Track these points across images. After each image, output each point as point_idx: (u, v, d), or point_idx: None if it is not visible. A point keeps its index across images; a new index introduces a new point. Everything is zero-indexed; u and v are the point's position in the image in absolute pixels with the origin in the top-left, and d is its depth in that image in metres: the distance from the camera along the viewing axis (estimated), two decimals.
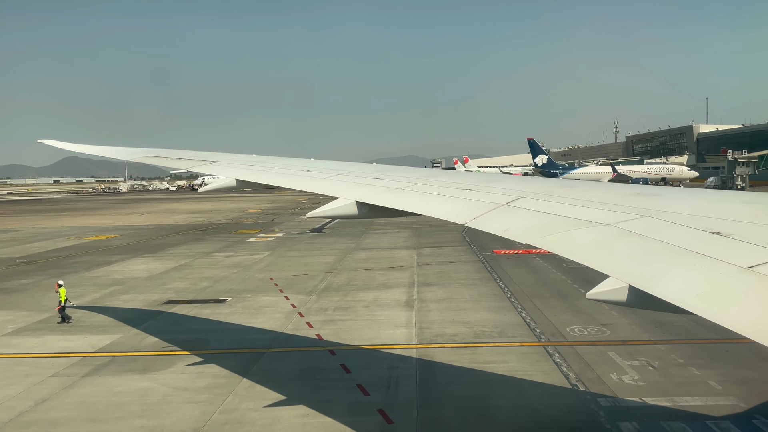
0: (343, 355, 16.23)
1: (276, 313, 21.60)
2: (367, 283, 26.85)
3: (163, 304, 23.60)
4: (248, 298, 24.49)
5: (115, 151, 15.15)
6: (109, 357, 16.87)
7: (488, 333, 18.08)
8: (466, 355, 16.10)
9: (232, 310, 22.44)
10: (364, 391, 13.51)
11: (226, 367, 15.74)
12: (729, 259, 3.96)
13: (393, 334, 18.38)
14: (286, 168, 11.48)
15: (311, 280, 28.05)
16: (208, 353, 17.06)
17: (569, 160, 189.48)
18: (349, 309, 21.95)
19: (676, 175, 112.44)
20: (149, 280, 29.22)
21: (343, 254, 36.84)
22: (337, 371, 15.08)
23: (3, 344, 18.48)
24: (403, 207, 7.55)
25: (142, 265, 34.29)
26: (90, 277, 30.58)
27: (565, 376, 14.17)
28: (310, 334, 18.70)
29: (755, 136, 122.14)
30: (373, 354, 16.43)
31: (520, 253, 33.29)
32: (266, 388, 14.06)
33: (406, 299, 23.31)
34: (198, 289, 26.75)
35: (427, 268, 30.59)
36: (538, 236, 5.38)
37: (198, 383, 14.54)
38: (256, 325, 20.03)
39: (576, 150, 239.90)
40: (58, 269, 33.21)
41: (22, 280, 29.78)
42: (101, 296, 25.55)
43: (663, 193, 6.67)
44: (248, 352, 16.95)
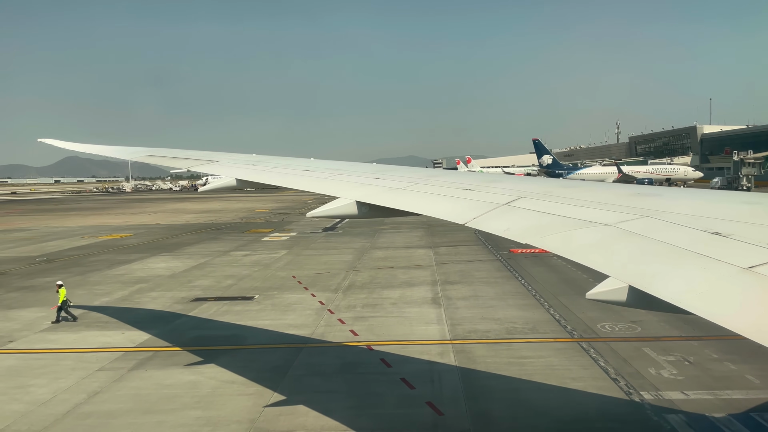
0: (381, 351, 16.54)
1: (306, 310, 21.93)
2: (390, 281, 27.18)
3: (191, 301, 23.93)
4: (275, 295, 24.82)
5: (115, 150, 15.11)
6: (151, 352, 17.21)
7: (520, 329, 18.41)
8: (502, 350, 16.43)
9: (261, 307, 22.77)
10: (409, 385, 13.84)
11: (268, 361, 16.08)
12: (729, 259, 3.96)
13: (426, 331, 18.71)
14: (287, 168, 11.51)
15: (334, 278, 28.39)
16: (248, 348, 17.42)
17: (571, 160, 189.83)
18: (377, 306, 22.29)
19: (680, 176, 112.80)
20: (173, 278, 29.55)
21: (360, 253, 37.17)
22: (378, 365, 15.41)
23: (42, 340, 18.83)
24: (403, 207, 7.56)
25: (162, 263, 34.61)
26: (113, 275, 30.90)
27: (603, 370, 14.50)
28: (343, 330, 19.02)
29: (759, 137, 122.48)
30: (410, 349, 16.74)
31: (537, 252, 33.58)
32: (313, 381, 14.39)
33: (432, 297, 23.65)
34: (223, 287, 27.08)
35: (447, 266, 30.90)
36: (538, 236, 5.39)
37: (245, 376, 14.86)
38: (289, 321, 20.36)
39: (578, 150, 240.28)
40: (79, 267, 33.56)
41: (47, 278, 30.08)
42: (129, 293, 25.88)
43: (663, 193, 6.68)
44: (287, 347, 17.28)
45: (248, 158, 12.83)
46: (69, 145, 15.49)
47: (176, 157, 13.19)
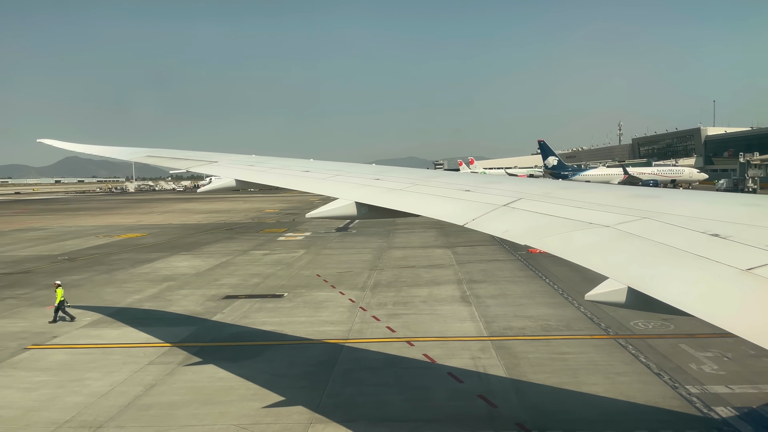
0: (422, 346, 16.91)
1: (338, 307, 22.30)
2: (415, 280, 27.54)
3: (223, 299, 24.30)
4: (304, 293, 25.18)
5: (114, 151, 15.05)
6: (197, 346, 17.58)
7: (555, 326, 18.77)
8: (541, 346, 16.80)
9: (293, 304, 23.13)
10: (457, 379, 14.21)
11: (313, 356, 16.46)
12: (728, 261, 3.96)
13: (462, 327, 19.07)
14: (286, 168, 11.50)
15: (358, 277, 28.75)
16: (289, 344, 17.78)
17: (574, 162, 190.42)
18: (408, 304, 22.65)
19: (685, 177, 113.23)
20: (198, 277, 29.91)
21: (378, 252, 37.54)
22: (421, 361, 15.76)
23: (86, 335, 19.18)
24: (402, 208, 7.53)
25: (184, 262, 34.97)
26: (138, 273, 31.25)
27: (646, 366, 14.86)
28: (380, 326, 19.38)
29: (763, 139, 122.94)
30: (451, 345, 17.10)
31: None
32: (362, 375, 14.77)
33: (460, 295, 24.01)
34: (250, 285, 27.44)
35: (468, 266, 31.25)
36: (538, 237, 5.39)
37: (293, 370, 15.25)
38: (324, 318, 20.73)
39: (581, 152, 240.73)
40: (103, 266, 33.91)
41: (73, 276, 30.46)
42: (159, 291, 26.24)
43: (662, 195, 6.69)
44: (329, 343, 17.64)
45: (247, 159, 12.84)
46: (68, 146, 15.46)
47: (175, 157, 13.22)
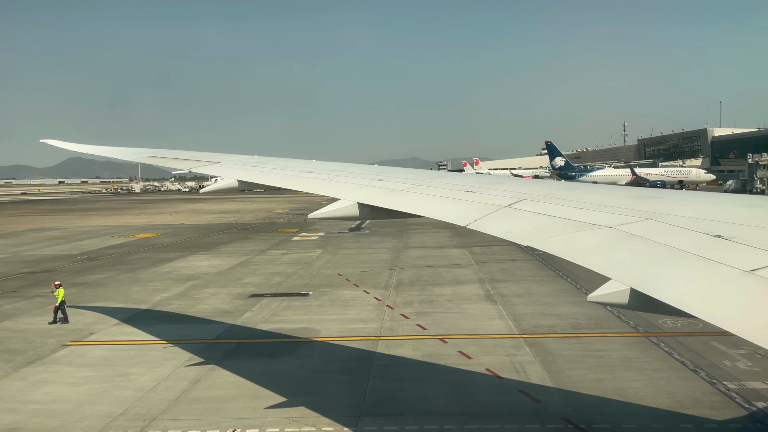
0: (455, 344, 17.16)
1: (366, 306, 22.57)
2: (437, 279, 27.80)
3: (249, 297, 24.59)
4: (328, 292, 25.45)
5: (117, 151, 15.04)
6: (233, 343, 17.89)
7: (584, 325, 19.01)
8: (573, 344, 17.04)
9: (320, 302, 23.40)
10: (496, 375, 14.47)
11: (349, 352, 16.74)
12: (731, 262, 3.95)
13: (492, 325, 19.33)
14: (288, 169, 11.48)
15: (379, 276, 29.02)
16: (323, 341, 18.04)
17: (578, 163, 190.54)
18: (434, 302, 22.90)
19: (693, 178, 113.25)
20: (221, 276, 30.22)
21: (395, 252, 37.80)
22: (457, 357, 16.02)
23: (121, 332, 19.50)
24: (404, 208, 7.51)
25: (204, 261, 35.29)
26: (161, 272, 31.59)
27: (680, 362, 15.10)
28: (410, 324, 19.65)
29: None
30: (484, 342, 17.35)
31: None
32: (401, 371, 15.05)
33: (484, 294, 24.25)
34: (274, 283, 27.73)
35: (488, 265, 31.49)
36: (540, 238, 5.38)
37: (332, 366, 15.55)
38: (353, 316, 21.00)
39: (585, 153, 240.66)
40: (125, 265, 34.26)
41: (97, 275, 30.81)
42: (185, 290, 26.55)
43: (665, 195, 6.64)
44: (362, 340, 17.90)
45: (250, 159, 12.84)
46: (71, 146, 15.45)
47: (178, 158, 13.23)
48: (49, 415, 12.60)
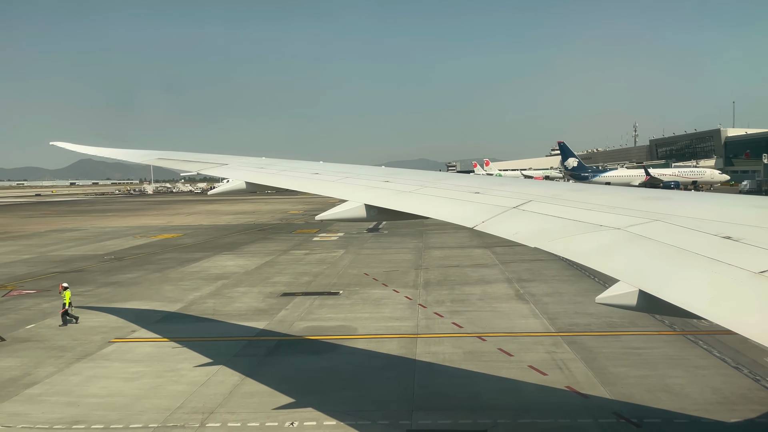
0: (494, 341, 17.40)
1: (398, 305, 22.86)
2: (464, 279, 28.03)
3: (281, 296, 24.95)
4: (358, 291, 25.76)
5: (126, 153, 15.14)
6: (274, 340, 18.25)
7: (619, 323, 19.18)
8: (612, 341, 17.23)
9: (352, 301, 23.72)
10: (540, 372, 14.69)
11: (390, 349, 17.00)
12: (740, 263, 3.92)
13: (527, 323, 19.55)
14: (295, 171, 11.54)
15: (406, 276, 29.30)
16: (363, 338, 18.32)
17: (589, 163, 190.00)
18: (465, 302, 23.15)
19: (707, 179, 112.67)
20: (249, 275, 30.62)
21: (418, 252, 38.07)
22: (498, 354, 16.26)
23: (162, 329, 19.90)
24: (411, 210, 7.51)
25: (230, 261, 35.73)
26: (189, 272, 32.05)
27: (722, 360, 15.26)
28: (446, 322, 19.91)
29: None
30: (522, 340, 17.58)
31: None
32: (446, 366, 15.31)
33: (514, 293, 24.47)
34: (302, 283, 28.09)
35: (512, 265, 31.66)
36: (548, 240, 5.37)
37: (376, 363, 15.85)
38: (387, 314, 21.29)
39: (596, 153, 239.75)
40: (152, 265, 34.77)
41: (127, 275, 31.32)
42: (216, 289, 26.97)
43: (673, 196, 6.60)
44: (401, 337, 18.18)
45: (257, 161, 12.90)
46: (80, 148, 15.48)
47: (186, 160, 13.31)
48: (109, 408, 12.98)
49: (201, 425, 11.96)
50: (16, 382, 14.81)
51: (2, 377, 15.16)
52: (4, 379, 15.04)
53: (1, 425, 12.18)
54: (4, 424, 12.25)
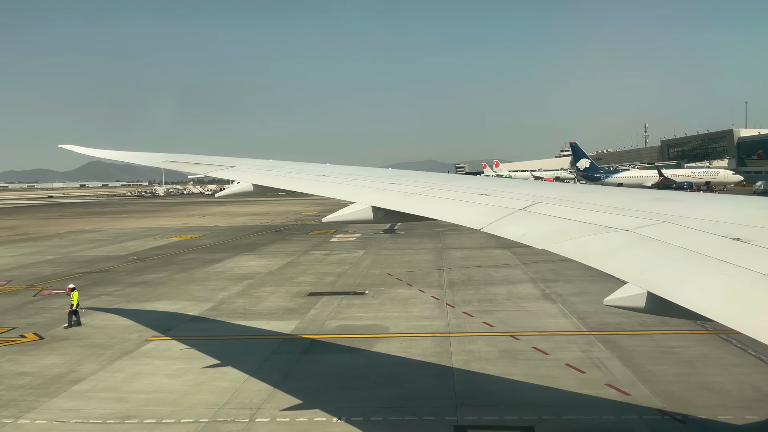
0: (527, 340, 17.55)
1: (425, 304, 23.05)
2: (488, 279, 28.16)
3: (308, 296, 25.21)
4: (384, 291, 25.97)
5: (134, 156, 15.10)
6: (308, 338, 18.48)
7: (650, 323, 19.17)
8: (645, 341, 17.31)
9: (379, 301, 23.94)
10: (578, 370, 14.82)
11: (425, 347, 17.19)
12: (749, 265, 3.90)
13: (557, 323, 19.68)
14: (302, 173, 11.59)
15: (429, 276, 29.48)
16: (396, 336, 18.52)
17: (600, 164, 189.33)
18: (492, 301, 23.30)
19: (720, 179, 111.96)
20: (273, 275, 30.93)
21: (437, 253, 38.25)
22: (533, 353, 16.40)
23: (196, 328, 20.24)
24: (418, 212, 7.52)
25: (252, 261, 36.08)
26: (214, 272, 32.41)
27: (757, 358, 15.32)
28: (476, 321, 20.08)
29: None
30: (555, 339, 17.72)
31: None
32: (482, 365, 15.46)
33: (540, 293, 24.59)
34: (327, 283, 28.34)
35: (534, 266, 31.72)
36: (556, 242, 5.37)
37: (413, 361, 16.05)
38: (416, 314, 21.49)
39: (606, 154, 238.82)
40: (176, 265, 35.19)
41: (153, 275, 31.73)
42: (243, 288, 27.29)
43: (681, 198, 6.57)
44: (434, 336, 18.37)
45: (265, 163, 12.88)
46: (89, 151, 15.46)
47: (194, 162, 13.40)
48: (158, 403, 13.27)
49: (251, 420, 12.21)
50: (62, 378, 15.15)
51: (48, 374, 15.51)
52: (50, 375, 15.40)
53: (55, 420, 12.50)
54: (57, 419, 12.57)
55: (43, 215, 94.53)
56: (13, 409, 13.12)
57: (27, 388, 14.48)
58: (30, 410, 13.01)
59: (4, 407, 13.23)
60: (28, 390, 14.33)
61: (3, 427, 12.14)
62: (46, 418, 12.58)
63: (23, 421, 12.47)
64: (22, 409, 13.05)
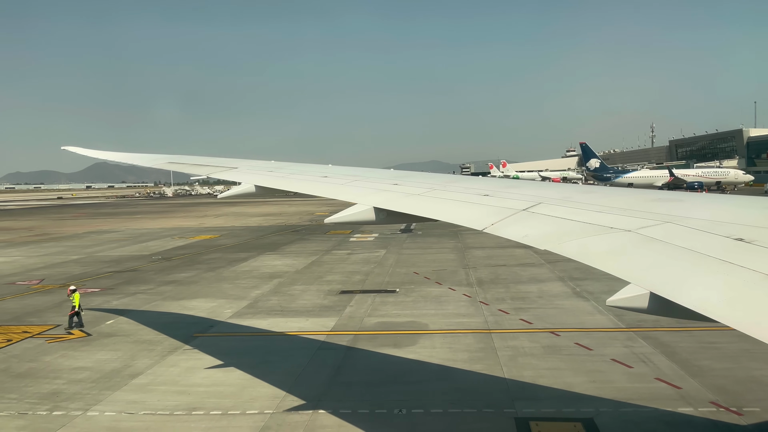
0: (569, 336, 17.83)
1: (459, 302, 23.36)
2: (516, 278, 28.46)
3: (340, 294, 25.56)
4: (414, 289, 26.28)
5: (136, 157, 15.15)
6: (350, 335, 18.82)
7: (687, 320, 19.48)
8: (685, 336, 17.55)
9: (412, 299, 24.26)
10: (625, 365, 15.10)
11: (468, 343, 17.51)
12: (753, 266, 3.89)
13: (594, 320, 19.95)
14: (304, 174, 11.66)
15: (456, 275, 29.78)
16: (438, 333, 18.84)
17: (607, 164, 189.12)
18: (525, 299, 23.59)
19: (731, 179, 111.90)
20: (301, 274, 31.30)
21: (459, 252, 38.54)
22: (577, 348, 16.69)
23: (238, 325, 20.59)
24: (420, 213, 7.58)
25: (277, 261, 36.46)
26: (241, 271, 32.81)
27: None
28: (513, 318, 20.38)
29: None
30: (595, 335, 17.98)
31: None
32: (528, 360, 15.77)
33: (571, 291, 24.86)
34: (356, 281, 28.69)
35: (559, 264, 31.89)
36: (558, 242, 5.36)
37: (459, 356, 16.32)
38: (451, 311, 21.81)
39: (614, 154, 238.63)
40: (203, 265, 35.60)
41: (182, 274, 32.15)
42: (275, 287, 27.66)
43: (684, 198, 6.57)
44: (475, 333, 18.68)
45: (267, 165, 12.90)
46: (92, 153, 15.39)
47: (196, 164, 13.41)
48: (219, 396, 13.64)
49: (314, 412, 12.56)
50: (120, 373, 15.55)
51: (104, 369, 15.91)
52: (107, 370, 15.80)
53: (124, 412, 12.87)
54: (125, 410, 12.95)
55: (58, 216, 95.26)
56: (80, 401, 13.53)
57: (87, 382, 14.89)
58: (96, 403, 13.41)
59: (70, 400, 13.65)
60: (89, 384, 14.73)
61: (74, 419, 12.54)
62: (114, 410, 12.96)
63: (92, 413, 12.86)
64: (88, 402, 13.46)
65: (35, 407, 13.22)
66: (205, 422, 12.29)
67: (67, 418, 12.55)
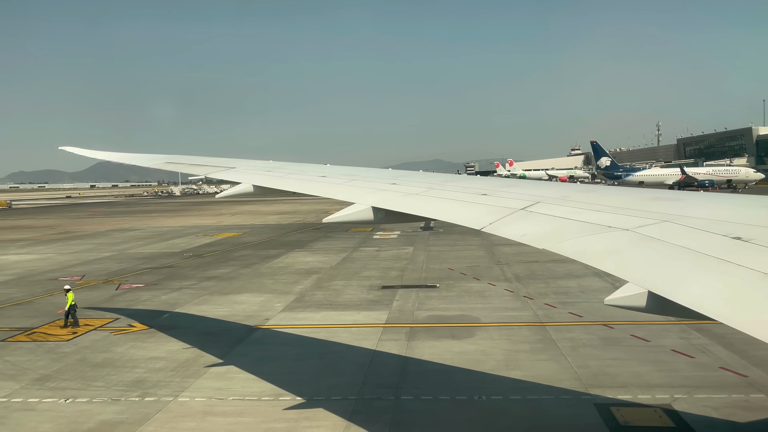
0: (622, 329, 18.28)
1: (502, 296, 23.82)
2: (552, 273, 28.85)
3: (382, 289, 26.06)
4: (454, 284, 26.76)
5: (134, 157, 15.15)
6: (406, 327, 19.32)
7: None
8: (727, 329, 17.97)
9: (455, 293, 24.73)
10: (686, 355, 15.57)
11: (525, 335, 17.99)
12: (751, 264, 3.90)
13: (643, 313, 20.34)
14: (303, 174, 11.72)
15: (491, 271, 30.25)
16: (492, 326, 19.30)
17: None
18: (568, 294, 24.04)
19: (742, 177, 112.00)
20: (336, 270, 31.81)
21: (486, 249, 38.99)
22: (633, 340, 17.15)
23: (292, 317, 21.09)
24: (418, 212, 7.62)
25: (308, 257, 36.98)
26: (277, 267, 33.34)
27: None
28: (561, 312, 20.85)
29: None
30: (648, 328, 18.35)
31: None
32: (589, 351, 16.25)
33: (612, 286, 25.03)
34: (393, 276, 29.19)
35: None
36: (556, 241, 5.36)
37: (521, 347, 16.82)
38: (498, 305, 22.28)
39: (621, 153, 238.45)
40: (237, 261, 36.15)
41: (219, 270, 32.69)
42: (316, 282, 28.18)
43: (682, 197, 6.59)
44: (529, 326, 19.16)
45: (265, 164, 12.94)
46: (90, 153, 15.38)
47: (194, 164, 13.43)
48: (298, 383, 14.12)
49: (396, 399, 13.05)
50: (195, 362, 16.07)
51: (178, 358, 16.43)
52: (181, 359, 16.32)
53: (213, 398, 13.39)
54: (214, 396, 13.47)
55: (74, 215, 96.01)
56: (166, 388, 14.06)
57: (166, 370, 15.42)
58: (183, 390, 13.93)
59: (156, 387, 14.18)
60: (168, 372, 15.26)
61: (167, 404, 13.05)
62: (204, 396, 13.49)
63: (183, 399, 13.39)
64: (174, 389, 13.98)
65: (126, 394, 13.76)
66: (293, 406, 12.76)
67: (161, 404, 13.08)
